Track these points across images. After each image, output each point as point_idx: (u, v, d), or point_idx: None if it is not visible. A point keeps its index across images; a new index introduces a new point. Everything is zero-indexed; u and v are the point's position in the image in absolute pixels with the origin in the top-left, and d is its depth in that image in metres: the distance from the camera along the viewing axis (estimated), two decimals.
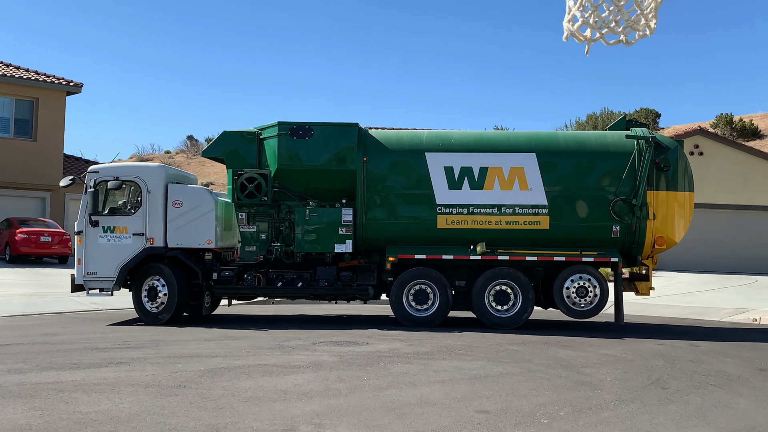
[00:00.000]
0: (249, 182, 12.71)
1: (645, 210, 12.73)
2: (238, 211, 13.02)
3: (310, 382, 7.84)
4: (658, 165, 12.83)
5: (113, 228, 12.62)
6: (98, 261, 12.57)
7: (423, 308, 12.73)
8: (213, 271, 12.81)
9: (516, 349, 10.44)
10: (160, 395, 7.10)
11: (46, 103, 29.64)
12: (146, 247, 12.61)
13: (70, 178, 13.23)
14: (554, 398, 7.38)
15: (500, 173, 12.82)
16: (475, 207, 12.79)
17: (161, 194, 12.71)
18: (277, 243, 12.90)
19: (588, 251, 12.72)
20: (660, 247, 12.97)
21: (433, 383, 7.92)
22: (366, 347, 10.24)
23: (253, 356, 9.36)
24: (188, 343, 10.38)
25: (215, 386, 7.54)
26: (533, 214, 12.81)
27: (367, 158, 12.81)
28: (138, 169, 13.22)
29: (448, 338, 11.30)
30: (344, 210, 12.76)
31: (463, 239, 12.77)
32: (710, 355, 10.40)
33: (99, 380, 7.69)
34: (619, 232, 12.83)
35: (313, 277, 12.88)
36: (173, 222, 12.68)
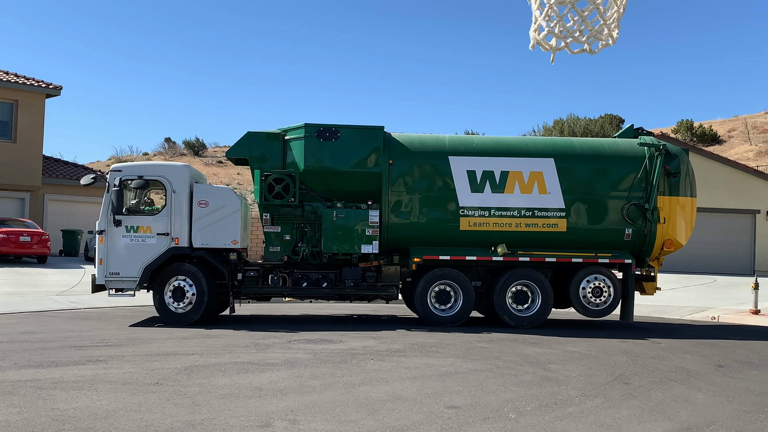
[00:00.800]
0: (276, 183, 12.60)
1: (656, 214, 13.09)
2: (263, 212, 12.84)
3: (284, 379, 7.82)
4: (667, 171, 13.18)
5: (137, 228, 12.20)
6: (121, 261, 12.12)
7: (445, 308, 12.79)
8: (238, 271, 12.57)
9: (485, 346, 10.48)
10: (138, 392, 7.03)
11: (26, 105, 29.27)
12: (171, 247, 12.22)
13: (92, 176, 12.82)
14: (521, 394, 7.43)
15: (520, 177, 13.00)
16: (496, 210, 12.94)
17: (186, 194, 12.34)
18: (303, 244, 12.81)
19: (602, 253, 13.01)
20: (668, 250, 13.36)
21: (405, 380, 7.94)
22: (340, 345, 10.23)
23: (229, 354, 9.31)
24: (165, 342, 10.30)
25: (192, 383, 7.49)
26: (551, 217, 13.02)
27: (392, 161, 12.86)
28: (163, 168, 12.71)
29: (419, 336, 11.32)
30: (371, 211, 12.72)
31: (484, 241, 12.91)
32: (671, 352, 10.52)
33: (77, 378, 7.61)
34: (631, 235, 13.15)
35: (338, 277, 12.80)
36: (198, 222, 12.35)
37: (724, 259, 29.78)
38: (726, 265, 29.51)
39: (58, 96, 30.20)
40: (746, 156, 43.94)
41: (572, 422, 6.41)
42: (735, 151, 45.72)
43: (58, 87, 29.92)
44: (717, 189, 29.80)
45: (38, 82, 29.67)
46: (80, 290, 17.97)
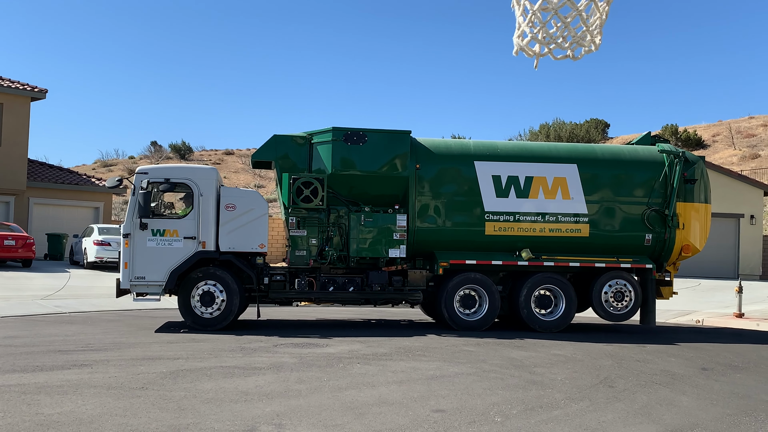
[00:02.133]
0: (305, 186, 12.54)
1: (675, 220, 13.31)
2: (289, 216, 12.77)
3: (270, 383, 7.80)
4: (686, 178, 13.42)
5: (163, 231, 12.01)
6: (146, 265, 11.91)
7: (470, 312, 12.85)
8: (264, 275, 12.49)
9: (471, 350, 10.50)
10: (123, 397, 7.00)
11: (11, 108, 29.07)
12: (198, 251, 12.04)
13: (118, 178, 12.62)
14: (507, 397, 7.45)
15: (544, 183, 13.13)
16: (521, 214, 13.04)
17: (213, 197, 12.21)
18: (330, 247, 12.78)
19: (623, 258, 13.17)
20: (686, 255, 13.58)
21: (391, 383, 7.94)
22: (326, 349, 10.22)
23: (215, 358, 9.28)
24: (151, 346, 10.25)
25: (177, 388, 7.46)
26: (574, 222, 13.17)
27: (419, 165, 12.90)
28: (190, 170, 12.52)
29: (405, 340, 11.33)
30: (398, 216, 12.76)
31: (509, 245, 13.02)
32: (656, 355, 10.58)
33: (62, 382, 7.56)
34: (651, 240, 13.36)
35: (365, 281, 12.78)
36: (225, 225, 12.22)
37: (709, 263, 29.92)
38: (710, 268, 29.67)
39: (44, 99, 30.02)
40: (730, 160, 44.29)
41: (558, 425, 6.43)
42: (719, 156, 46.07)
43: (44, 90, 29.75)
44: None
45: (23, 85, 29.50)
46: (65, 294, 17.87)
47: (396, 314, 15.97)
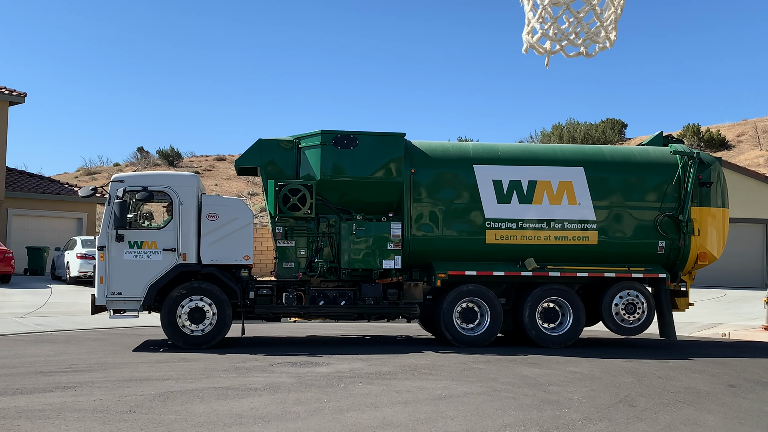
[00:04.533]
0: (292, 194, 12.41)
1: (690, 226, 13.19)
2: (275, 225, 12.66)
3: (267, 405, 7.78)
4: (701, 181, 13.31)
5: (141, 243, 11.87)
6: (123, 279, 11.80)
7: (470, 327, 12.76)
8: (249, 289, 12.37)
9: (481, 367, 10.48)
10: (109, 421, 6.98)
11: None
12: (178, 264, 11.93)
13: (92, 187, 12.54)
14: (520, 418, 7.42)
15: (549, 187, 13.03)
16: (524, 221, 12.95)
17: (194, 206, 12.10)
18: (319, 259, 12.65)
19: (635, 267, 13.07)
20: (702, 263, 13.42)
21: (396, 404, 7.92)
22: (326, 368, 10.20)
23: (207, 379, 9.26)
24: (138, 366, 10.24)
25: (167, 411, 7.44)
26: (582, 229, 13.06)
27: (414, 170, 12.80)
28: (169, 178, 12.44)
29: (411, 357, 11.31)
30: (393, 224, 12.65)
31: (511, 255, 12.92)
32: (679, 372, 10.55)
33: (43, 406, 7.54)
34: (664, 248, 13.25)
35: (357, 295, 12.66)
36: (208, 236, 12.09)
37: (734, 272, 29.85)
38: (736, 278, 29.60)
39: (22, 104, 30.07)
40: (756, 162, 44.23)
41: None
42: (744, 157, 46.03)
43: (23, 94, 29.80)
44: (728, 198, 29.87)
45: (0, 88, 29.54)
46: (47, 312, 17.86)
47: (392, 330, 15.95)
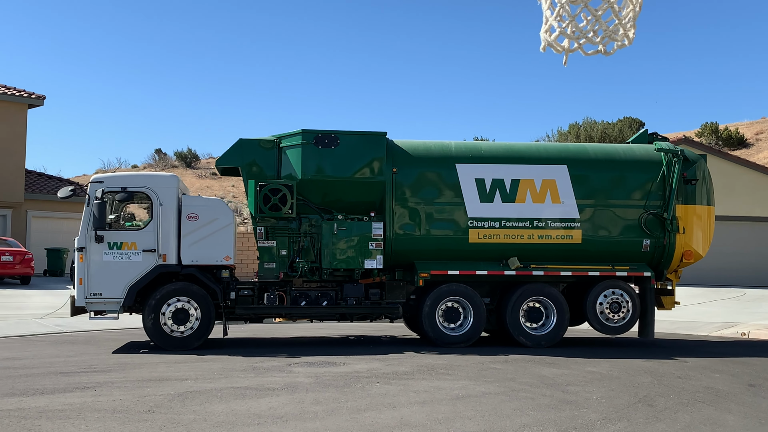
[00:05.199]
0: (272, 194, 12.39)
1: (675, 224, 13.13)
2: (257, 225, 12.61)
3: (285, 405, 7.81)
4: (686, 178, 13.24)
5: (120, 244, 11.83)
6: (103, 280, 11.76)
7: (454, 327, 12.70)
8: (230, 290, 12.33)
9: (499, 367, 10.46)
10: (129, 421, 7.03)
11: (6, 116, 29.37)
12: (158, 265, 11.90)
13: (71, 188, 12.47)
14: (538, 418, 7.40)
15: (532, 186, 12.96)
16: (507, 220, 12.89)
17: (174, 206, 12.04)
18: (301, 259, 12.59)
19: (620, 266, 13.03)
20: (687, 261, 13.37)
21: (414, 404, 7.92)
22: (343, 368, 10.22)
23: (226, 379, 9.31)
24: (157, 366, 10.30)
25: (186, 411, 7.48)
26: (565, 227, 12.99)
27: (396, 169, 12.75)
28: (148, 178, 12.39)
29: (428, 357, 11.31)
30: (374, 223, 12.59)
31: (495, 254, 12.86)
32: (698, 371, 10.49)
33: (64, 406, 7.61)
34: (649, 246, 13.17)
35: (339, 295, 12.61)
36: (188, 237, 12.03)
37: (754, 271, 29.66)
38: (756, 276, 29.39)
39: (41, 106, 30.33)
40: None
41: None
42: (763, 155, 45.69)
43: (41, 97, 30.04)
44: (744, 196, 29.72)
45: (19, 91, 29.78)
46: (66, 313, 17.97)
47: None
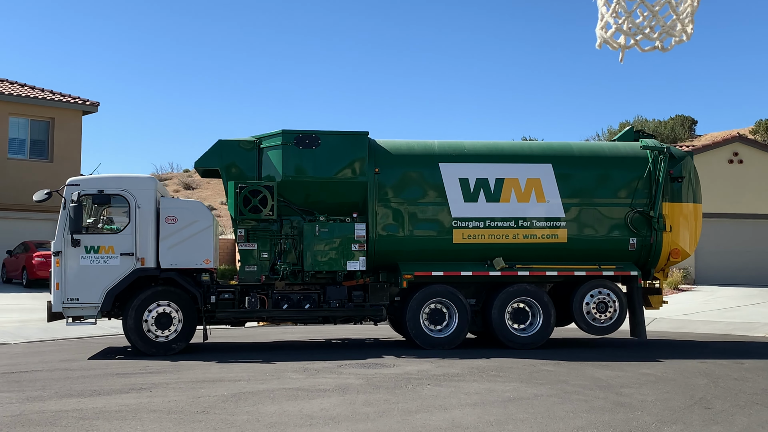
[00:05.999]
0: (253, 195, 12.17)
1: (662, 222, 12.97)
2: (237, 228, 12.40)
3: (336, 406, 7.84)
4: (672, 176, 13.09)
5: (97, 247, 11.60)
6: (80, 285, 11.51)
7: (439, 328, 12.54)
8: (210, 293, 12.10)
9: (551, 369, 10.36)
10: (183, 422, 7.12)
11: (62, 123, 29.98)
12: (136, 269, 11.66)
13: (47, 191, 12.06)
14: (592, 420, 7.31)
15: (517, 185, 12.84)
16: (492, 220, 12.76)
17: (152, 209, 11.82)
18: (282, 261, 12.38)
19: (606, 265, 12.89)
20: (675, 260, 13.27)
21: (465, 406, 7.88)
22: (394, 369, 10.22)
23: (277, 380, 9.38)
24: (210, 367, 10.43)
25: (239, 411, 7.55)
26: (551, 227, 12.87)
27: (378, 169, 12.60)
28: (125, 181, 12.05)
29: (479, 359, 11.24)
30: (357, 225, 12.41)
31: (480, 254, 12.72)
32: (756, 373, 10.27)
33: (120, 407, 7.74)
34: (635, 245, 13.04)
35: (321, 297, 12.42)
36: (166, 240, 11.80)
37: None
38: None
39: (95, 113, 30.89)
40: None
41: None
42: None
43: (95, 103, 30.60)
44: None
45: (75, 98, 30.35)
46: None
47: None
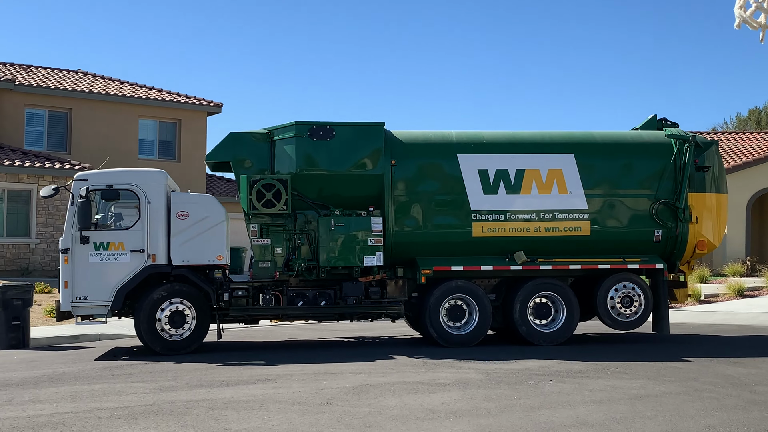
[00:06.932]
0: (266, 189, 11.81)
1: (687, 213, 12.55)
2: (249, 223, 12.13)
3: (457, 400, 7.81)
4: (697, 166, 12.68)
5: (107, 244, 11.26)
6: (89, 283, 11.18)
7: (458, 325, 12.16)
8: (224, 290, 11.73)
9: (679, 366, 10.03)
10: (308, 413, 7.26)
11: (188, 124, 31.11)
12: (147, 266, 11.30)
13: (54, 186, 11.78)
14: (725, 419, 7.04)
15: (538, 176, 12.44)
16: (512, 213, 12.36)
17: (163, 204, 11.50)
18: (297, 257, 12.04)
19: (630, 258, 12.46)
20: (701, 252, 12.88)
21: (589, 403, 7.72)
22: (514, 365, 10.11)
23: (398, 373, 9.44)
24: (332, 359, 10.61)
25: (361, 404, 7.64)
26: (573, 219, 12.45)
27: (395, 161, 12.22)
28: (135, 175, 11.89)
29: (602, 356, 10.96)
30: (373, 219, 12.02)
31: (500, 248, 12.31)
32: None
33: (247, 397, 7.96)
34: (661, 237, 12.62)
35: (338, 294, 12.06)
36: (178, 236, 11.45)
37: None
38: None
39: (219, 113, 31.91)
40: None
41: None
42: None
43: (219, 104, 31.60)
44: None
45: (199, 100, 31.43)
46: None
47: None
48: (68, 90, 28.06)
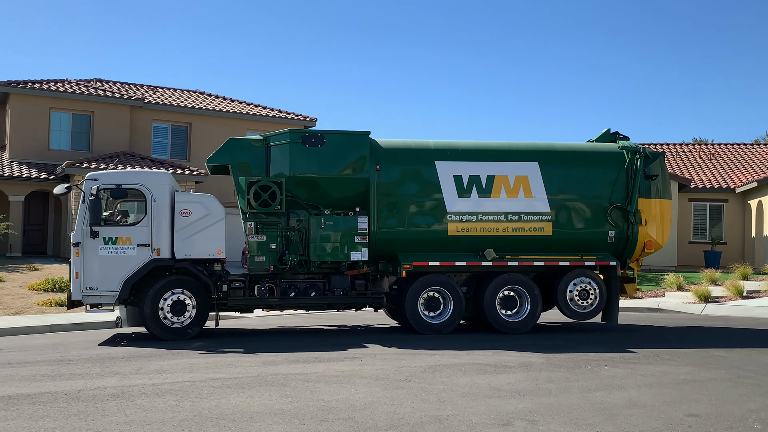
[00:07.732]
0: (263, 190, 11.94)
1: (638, 216, 12.90)
2: (247, 221, 12.17)
3: (521, 381, 7.97)
4: (646, 174, 13.07)
5: (115, 239, 11.30)
6: (99, 274, 11.25)
7: (434, 315, 12.31)
8: (222, 282, 11.85)
9: (723, 355, 9.89)
10: (389, 387, 7.50)
11: None
12: (152, 259, 11.42)
13: (67, 186, 11.80)
14: (766, 404, 7.04)
15: (506, 182, 12.68)
16: (483, 214, 12.61)
17: (167, 203, 11.59)
18: (290, 252, 12.09)
19: (587, 255, 12.85)
20: (648, 251, 13.22)
21: (641, 386, 7.79)
22: (573, 351, 10.00)
23: (468, 355, 9.65)
24: (409, 341, 10.88)
25: (436, 381, 7.84)
26: (537, 220, 12.72)
27: (379, 166, 12.40)
28: (142, 176, 12.10)
29: (650, 343, 10.73)
30: (359, 218, 12.23)
31: (472, 245, 12.60)
32: None
33: (337, 372, 8.30)
34: (614, 237, 12.98)
35: (326, 286, 12.29)
36: (181, 232, 11.54)
37: None
38: None
39: (313, 127, 32.23)
40: None
41: None
42: None
43: (314, 119, 31.92)
44: None
45: (297, 115, 31.85)
46: None
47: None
48: (188, 107, 29.32)
